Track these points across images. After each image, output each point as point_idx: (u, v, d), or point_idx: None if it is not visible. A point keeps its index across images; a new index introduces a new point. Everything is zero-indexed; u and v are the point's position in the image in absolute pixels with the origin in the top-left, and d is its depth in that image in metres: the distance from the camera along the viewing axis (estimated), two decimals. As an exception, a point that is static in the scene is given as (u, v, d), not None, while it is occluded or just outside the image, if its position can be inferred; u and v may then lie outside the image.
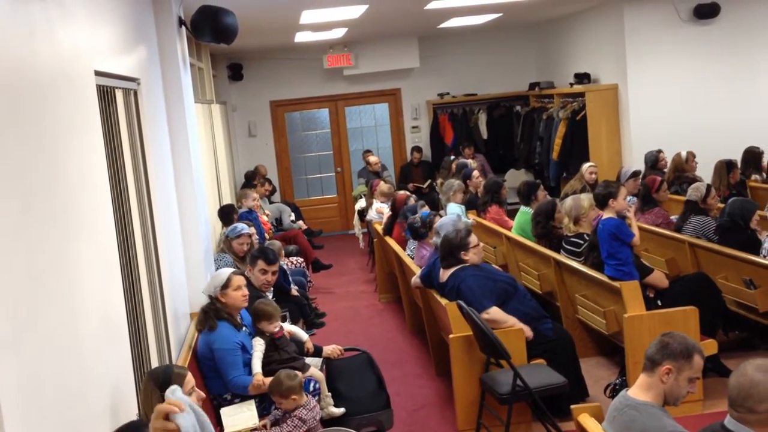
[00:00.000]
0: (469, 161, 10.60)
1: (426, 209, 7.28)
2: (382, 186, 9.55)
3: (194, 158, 5.71)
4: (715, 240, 6.27)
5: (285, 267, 7.24)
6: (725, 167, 8.12)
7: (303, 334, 5.06)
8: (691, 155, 8.68)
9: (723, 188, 7.92)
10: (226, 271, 4.81)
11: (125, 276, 3.79)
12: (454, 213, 7.77)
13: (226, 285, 4.70)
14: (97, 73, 3.50)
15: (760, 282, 5.54)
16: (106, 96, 3.82)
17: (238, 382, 4.48)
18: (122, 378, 3.38)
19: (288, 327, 4.97)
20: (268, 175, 12.24)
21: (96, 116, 3.42)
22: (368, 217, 9.57)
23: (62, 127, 2.88)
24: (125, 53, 4.23)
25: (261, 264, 5.57)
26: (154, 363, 4.13)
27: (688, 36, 9.99)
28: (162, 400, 3.27)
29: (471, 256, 5.34)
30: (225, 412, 4.25)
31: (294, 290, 6.83)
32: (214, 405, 4.47)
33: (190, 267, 5.47)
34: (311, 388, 4.57)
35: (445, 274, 5.39)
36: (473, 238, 5.39)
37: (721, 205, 6.60)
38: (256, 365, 4.53)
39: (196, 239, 5.62)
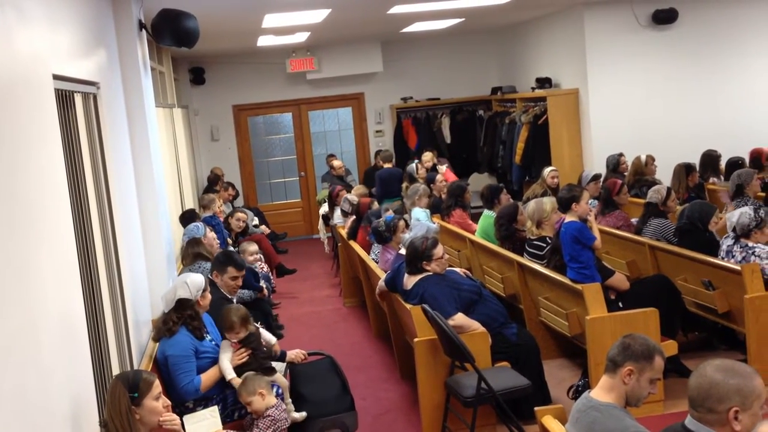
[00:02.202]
0: (419, 160, 10.37)
1: (390, 213, 7.28)
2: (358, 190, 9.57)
3: (155, 163, 5.64)
4: (675, 242, 6.36)
5: (256, 269, 7.20)
6: (684, 170, 8.25)
7: (272, 338, 5.03)
8: (650, 158, 8.80)
9: (682, 191, 8.04)
10: (199, 275, 4.77)
11: (85, 282, 3.73)
12: (418, 218, 7.79)
13: (205, 288, 4.68)
14: (56, 77, 3.45)
15: (718, 283, 5.62)
16: (64, 100, 3.76)
17: (189, 388, 4.44)
18: (83, 386, 3.33)
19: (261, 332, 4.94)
20: (230, 179, 12.15)
21: (55, 121, 3.36)
22: (333, 222, 9.55)
23: (20, 132, 2.82)
24: (84, 57, 4.17)
25: (232, 271, 5.53)
26: (116, 371, 4.07)
27: (646, 41, 10.16)
28: (131, 401, 3.25)
29: (433, 267, 5.30)
30: (188, 419, 4.20)
31: (265, 290, 6.82)
32: (176, 413, 4.41)
33: (152, 273, 5.41)
34: (275, 393, 4.54)
35: (409, 282, 5.37)
36: (438, 250, 5.31)
37: (680, 208, 6.70)
38: (228, 369, 4.50)
39: (158, 244, 5.55)
